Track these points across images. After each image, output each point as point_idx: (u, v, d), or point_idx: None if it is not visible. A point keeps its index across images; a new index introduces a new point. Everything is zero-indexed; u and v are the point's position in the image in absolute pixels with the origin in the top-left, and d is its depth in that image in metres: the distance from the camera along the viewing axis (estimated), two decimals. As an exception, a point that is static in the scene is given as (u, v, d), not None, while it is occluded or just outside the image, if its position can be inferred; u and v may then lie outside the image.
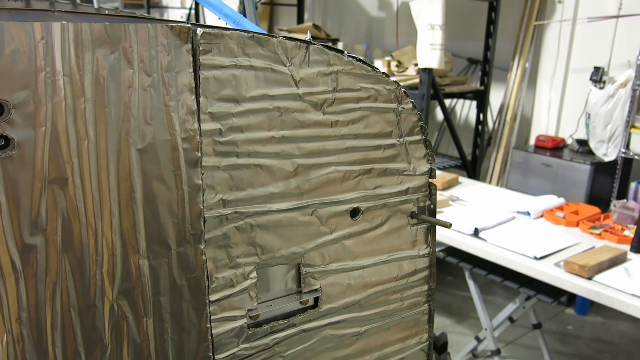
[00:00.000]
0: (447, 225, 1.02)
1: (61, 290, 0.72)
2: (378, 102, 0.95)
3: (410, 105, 1.00)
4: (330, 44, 4.38)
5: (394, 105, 0.97)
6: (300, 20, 5.38)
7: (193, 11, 6.11)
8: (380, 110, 0.96)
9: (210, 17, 6.20)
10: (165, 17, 6.89)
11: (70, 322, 0.73)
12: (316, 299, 0.96)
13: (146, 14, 0.81)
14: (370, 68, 0.93)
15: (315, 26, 4.47)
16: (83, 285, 0.73)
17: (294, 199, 0.90)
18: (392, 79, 0.97)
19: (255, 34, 0.80)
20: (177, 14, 6.80)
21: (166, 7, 7.00)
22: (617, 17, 3.59)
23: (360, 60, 0.91)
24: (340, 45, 4.27)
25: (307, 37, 0.85)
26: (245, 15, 1.64)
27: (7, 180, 0.66)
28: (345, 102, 0.91)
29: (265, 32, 0.83)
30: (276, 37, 0.82)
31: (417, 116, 1.01)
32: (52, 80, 0.66)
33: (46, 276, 0.71)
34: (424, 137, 1.03)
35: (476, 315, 2.81)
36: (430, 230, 1.09)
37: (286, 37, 0.83)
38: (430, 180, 1.06)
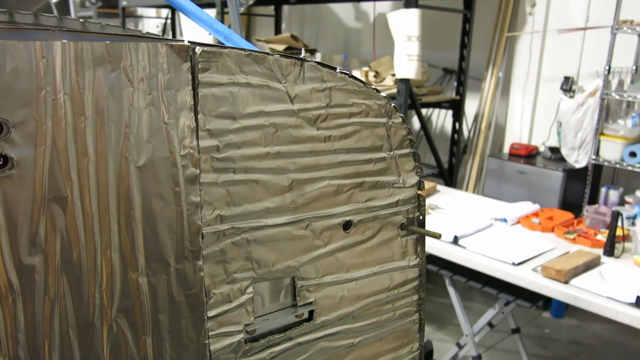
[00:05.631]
0: (437, 236, 1.05)
1: (59, 310, 0.71)
2: (369, 117, 0.97)
3: (400, 120, 1.02)
4: (308, 55, 4.40)
5: (384, 120, 1.00)
6: (277, 30, 5.41)
7: (169, 21, 6.08)
8: (371, 125, 0.98)
9: (186, 27, 6.17)
10: (140, 27, 6.81)
11: (69, 342, 0.72)
12: (311, 312, 0.97)
13: (147, 33, 0.82)
14: (362, 84, 0.95)
15: (293, 37, 4.49)
16: (81, 305, 0.73)
17: (289, 213, 0.91)
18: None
19: (252, 52, 0.81)
20: (152, 24, 6.74)
21: (141, 17, 6.93)
22: (585, 29, 3.72)
23: (352, 76, 0.93)
24: (318, 56, 4.31)
25: (302, 54, 0.86)
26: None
27: (6, 200, 0.65)
28: (338, 118, 0.93)
29: (260, 50, 0.84)
30: (272, 55, 0.83)
31: (406, 130, 1.04)
32: (52, 99, 0.66)
33: (44, 296, 0.70)
34: (413, 150, 1.06)
35: (457, 322, 2.85)
36: (420, 241, 1.11)
37: (282, 55, 0.84)
38: (419, 192, 1.09)
